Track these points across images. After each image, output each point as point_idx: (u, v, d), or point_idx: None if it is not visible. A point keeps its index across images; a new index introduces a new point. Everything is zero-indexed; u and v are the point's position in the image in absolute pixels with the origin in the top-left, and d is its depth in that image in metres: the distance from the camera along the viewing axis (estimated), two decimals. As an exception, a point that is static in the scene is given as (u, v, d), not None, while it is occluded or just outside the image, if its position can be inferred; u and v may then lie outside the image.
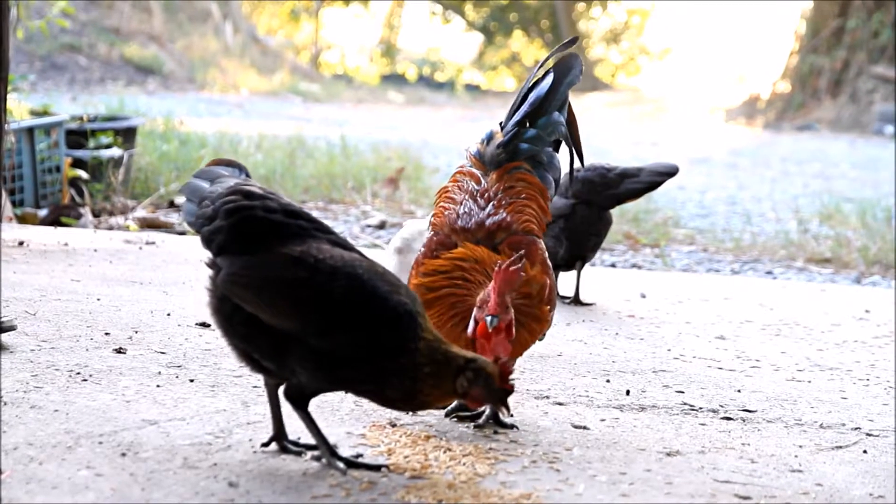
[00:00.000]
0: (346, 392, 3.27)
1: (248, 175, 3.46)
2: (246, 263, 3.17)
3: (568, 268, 6.14)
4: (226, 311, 3.19)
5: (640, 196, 6.22)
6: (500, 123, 4.03)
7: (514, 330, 3.53)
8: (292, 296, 3.11)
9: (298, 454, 3.31)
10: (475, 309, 3.55)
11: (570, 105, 4.12)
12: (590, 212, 6.09)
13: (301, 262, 3.13)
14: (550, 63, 4.08)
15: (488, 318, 3.47)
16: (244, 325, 3.16)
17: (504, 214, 3.79)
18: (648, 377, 4.62)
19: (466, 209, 3.82)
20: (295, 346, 3.11)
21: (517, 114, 3.99)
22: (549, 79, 4.02)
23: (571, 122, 4.13)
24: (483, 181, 3.90)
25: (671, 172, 6.18)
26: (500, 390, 3.16)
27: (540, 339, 3.84)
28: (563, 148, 4.15)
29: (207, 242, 3.27)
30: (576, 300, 6.09)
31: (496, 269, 3.49)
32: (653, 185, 6.17)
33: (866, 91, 22.71)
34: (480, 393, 3.16)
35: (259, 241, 3.20)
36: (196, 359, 4.35)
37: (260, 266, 3.15)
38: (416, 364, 3.12)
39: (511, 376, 3.17)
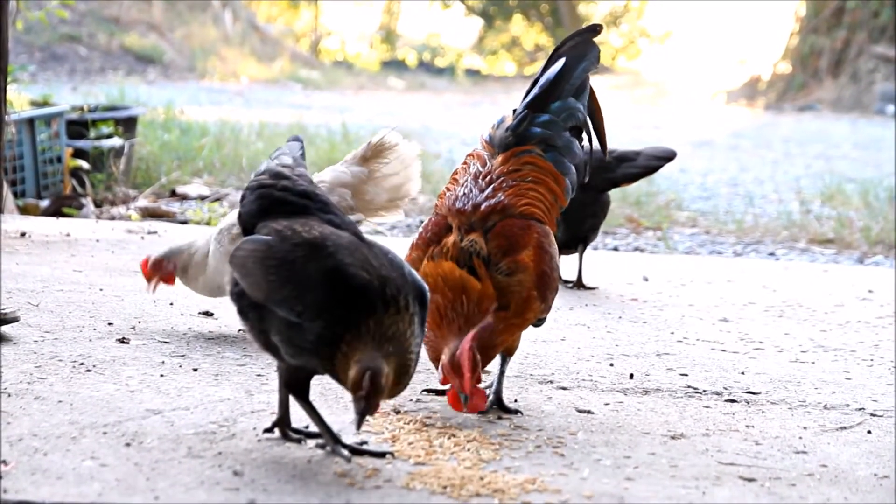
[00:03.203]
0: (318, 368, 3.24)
1: (302, 146, 3.58)
2: (245, 238, 3.28)
3: (568, 250, 6.11)
4: (231, 286, 3.29)
5: (637, 180, 6.21)
6: (514, 109, 3.99)
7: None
8: (263, 265, 3.15)
9: (299, 441, 3.32)
10: (445, 354, 3.54)
11: (593, 93, 4.07)
12: (584, 195, 6.06)
13: (279, 234, 3.20)
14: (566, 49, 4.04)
15: (462, 396, 3.50)
16: (240, 297, 3.23)
17: (501, 197, 3.76)
18: (652, 360, 4.62)
19: (466, 191, 3.80)
20: (270, 317, 3.14)
21: (527, 97, 3.96)
22: (561, 63, 3.96)
23: (596, 110, 4.08)
24: (488, 163, 3.87)
25: (669, 157, 6.18)
26: (357, 402, 3.08)
27: (536, 326, 3.83)
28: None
29: (238, 219, 3.42)
30: (578, 284, 6.09)
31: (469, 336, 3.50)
32: (650, 170, 6.16)
33: (867, 71, 22.67)
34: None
35: (264, 218, 3.30)
36: (199, 348, 4.36)
37: (251, 239, 3.24)
38: (341, 337, 3.07)
39: (368, 407, 3.09)
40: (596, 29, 4.07)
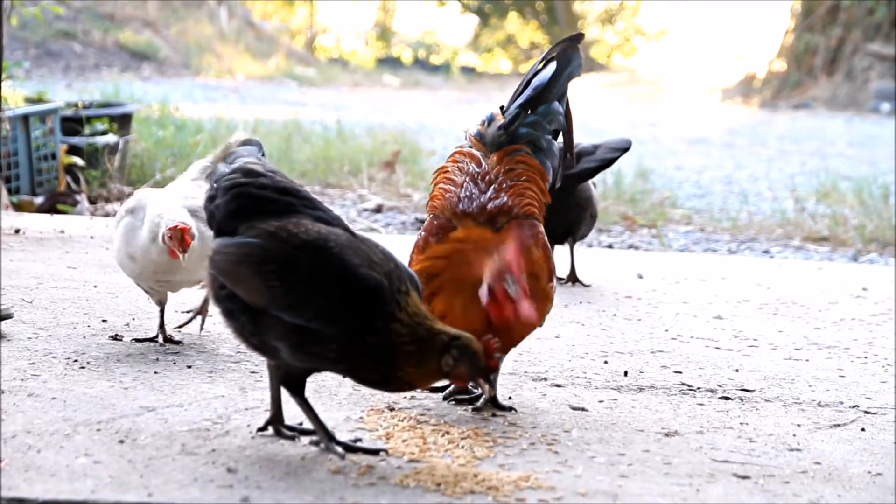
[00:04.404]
0: (329, 371, 3.25)
1: (262, 150, 3.50)
2: (227, 240, 3.21)
3: (555, 241, 6.04)
4: (213, 289, 3.22)
5: (597, 174, 6.21)
6: (501, 107, 4.00)
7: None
8: (262, 270, 3.11)
9: (293, 438, 3.31)
10: (487, 279, 3.48)
11: (567, 98, 4.11)
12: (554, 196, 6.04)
13: (273, 237, 3.15)
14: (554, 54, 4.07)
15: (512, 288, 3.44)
16: (228, 300, 3.18)
17: (505, 198, 3.76)
18: (646, 358, 4.62)
19: (467, 192, 3.78)
20: (271, 321, 3.11)
21: (520, 98, 3.97)
22: (552, 67, 3.99)
23: (567, 114, 4.11)
24: (483, 163, 3.87)
25: (625, 148, 6.25)
26: (484, 367, 3.13)
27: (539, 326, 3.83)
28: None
29: (209, 220, 3.32)
30: (572, 279, 6.08)
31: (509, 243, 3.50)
32: (608, 162, 6.19)
33: (862, 69, 22.68)
34: (465, 370, 3.11)
35: (246, 218, 3.22)
36: (193, 345, 4.35)
37: (237, 242, 3.18)
38: (393, 343, 3.07)
39: (495, 352, 3.15)
40: (579, 37, 4.13)
